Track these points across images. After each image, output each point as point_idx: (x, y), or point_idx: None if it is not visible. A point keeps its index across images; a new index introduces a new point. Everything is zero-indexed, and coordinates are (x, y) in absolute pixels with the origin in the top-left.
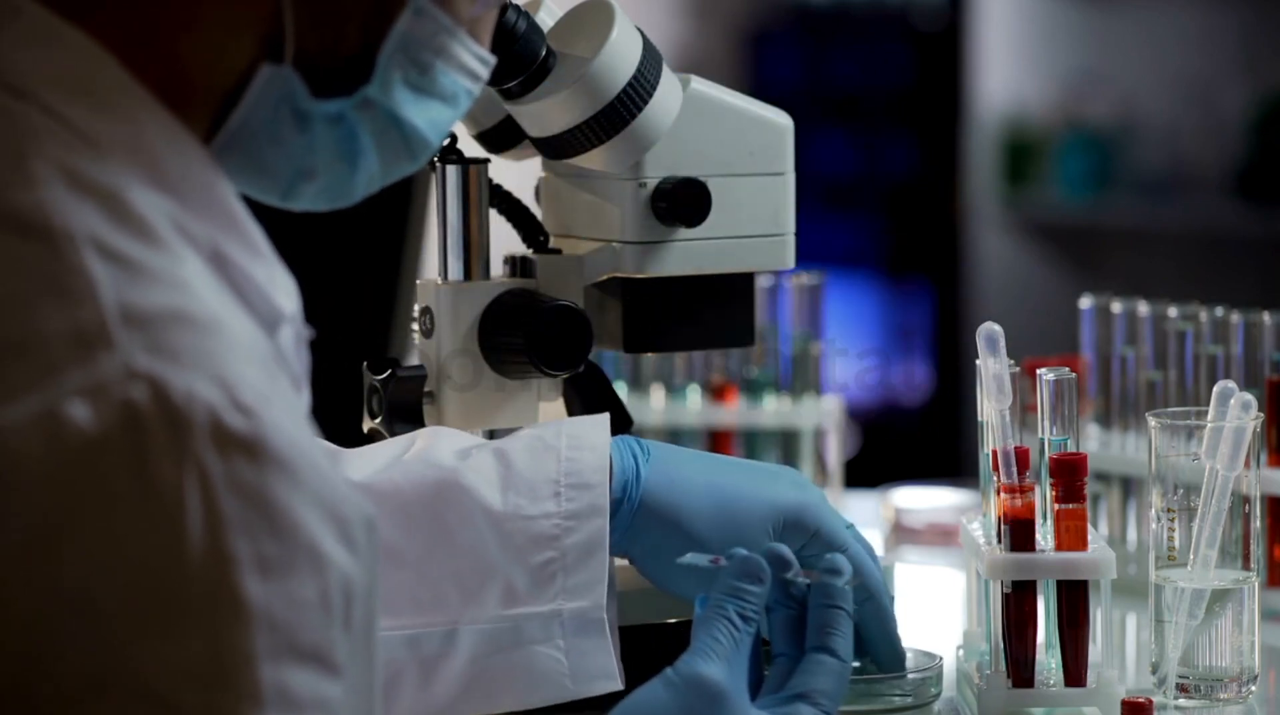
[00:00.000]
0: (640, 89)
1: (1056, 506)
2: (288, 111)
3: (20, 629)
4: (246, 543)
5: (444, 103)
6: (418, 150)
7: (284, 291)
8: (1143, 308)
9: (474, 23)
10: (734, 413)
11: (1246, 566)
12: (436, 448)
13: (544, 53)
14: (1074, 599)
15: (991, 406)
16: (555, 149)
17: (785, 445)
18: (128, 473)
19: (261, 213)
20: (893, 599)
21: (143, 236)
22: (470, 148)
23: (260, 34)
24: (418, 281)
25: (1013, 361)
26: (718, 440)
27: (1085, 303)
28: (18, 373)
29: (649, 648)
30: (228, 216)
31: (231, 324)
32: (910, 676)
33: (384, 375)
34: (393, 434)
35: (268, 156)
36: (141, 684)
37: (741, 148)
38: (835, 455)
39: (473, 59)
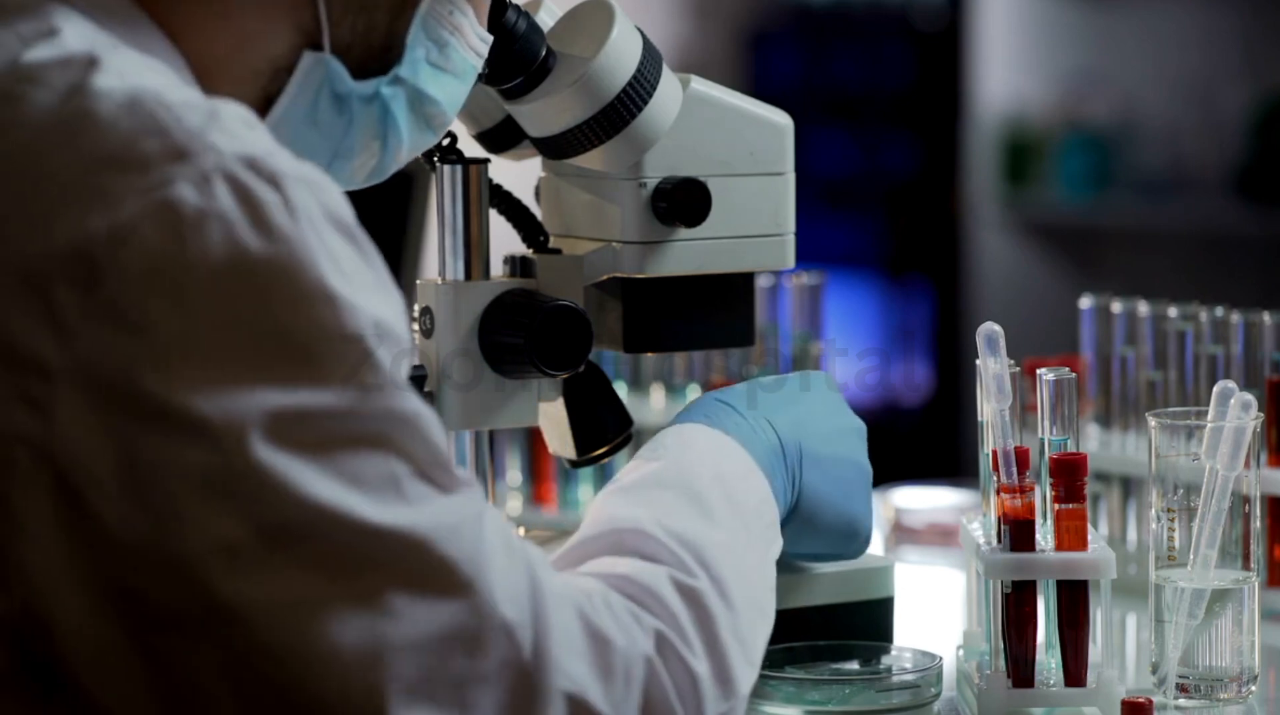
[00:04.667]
0: (640, 89)
1: (1056, 506)
2: (328, 95)
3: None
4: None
5: (457, 78)
6: (436, 123)
7: None
8: (1143, 308)
9: (474, 3)
10: None
11: (1246, 566)
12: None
13: (544, 53)
14: (1074, 599)
15: (991, 406)
16: (555, 149)
17: None
18: (251, 231)
19: None
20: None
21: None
22: (470, 148)
23: (294, 23)
24: (418, 281)
25: (1013, 361)
26: None
27: (1085, 303)
28: (121, 182)
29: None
30: None
31: None
32: (910, 676)
33: None
34: None
35: (309, 139)
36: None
37: (741, 148)
38: None
39: (476, 37)
